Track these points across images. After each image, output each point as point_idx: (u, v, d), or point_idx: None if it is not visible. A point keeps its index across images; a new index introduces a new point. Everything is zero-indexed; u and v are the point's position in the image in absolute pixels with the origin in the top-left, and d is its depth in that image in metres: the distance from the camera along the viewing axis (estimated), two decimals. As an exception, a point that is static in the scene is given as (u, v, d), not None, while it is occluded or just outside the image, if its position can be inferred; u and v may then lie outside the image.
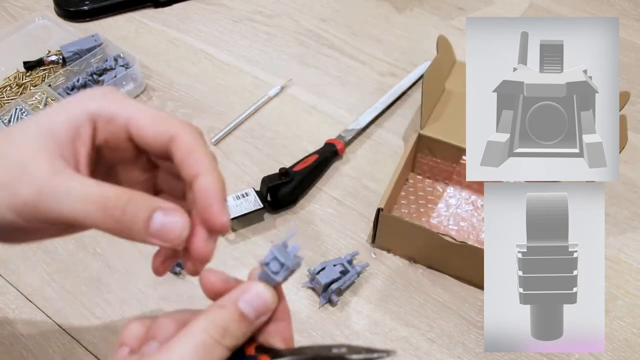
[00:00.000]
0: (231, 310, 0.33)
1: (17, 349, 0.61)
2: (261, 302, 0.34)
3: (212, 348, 0.31)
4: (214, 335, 0.32)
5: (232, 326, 0.33)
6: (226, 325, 0.32)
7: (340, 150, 0.80)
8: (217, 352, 0.31)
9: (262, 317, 0.34)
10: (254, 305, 0.34)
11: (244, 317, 0.33)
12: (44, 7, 1.03)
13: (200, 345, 0.31)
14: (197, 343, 0.31)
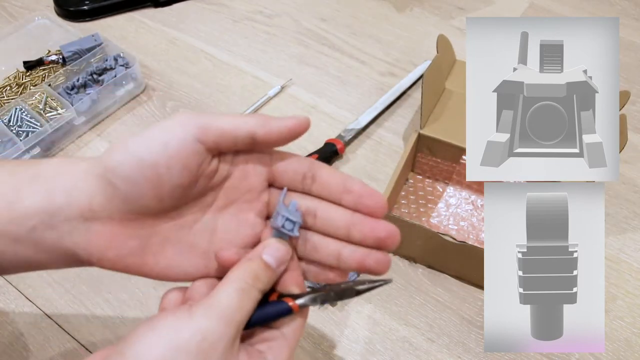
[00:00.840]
0: (258, 261, 0.40)
1: (17, 348, 0.61)
2: (280, 253, 0.41)
3: (249, 290, 0.38)
4: (249, 280, 0.38)
5: (260, 273, 0.39)
6: (256, 273, 0.39)
7: (340, 150, 0.80)
8: (253, 294, 0.38)
9: (282, 266, 0.41)
10: (275, 256, 0.41)
11: (268, 266, 0.40)
12: (44, 7, 1.03)
13: (240, 289, 0.38)
14: (237, 287, 0.38)
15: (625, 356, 0.63)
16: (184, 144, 0.38)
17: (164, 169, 0.37)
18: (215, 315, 0.36)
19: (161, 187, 0.38)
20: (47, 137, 0.77)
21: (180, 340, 0.34)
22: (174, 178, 0.38)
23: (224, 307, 0.36)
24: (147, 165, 0.37)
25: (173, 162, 0.37)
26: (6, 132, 0.77)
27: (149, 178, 0.37)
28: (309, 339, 0.63)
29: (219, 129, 0.39)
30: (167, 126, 0.38)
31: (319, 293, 0.40)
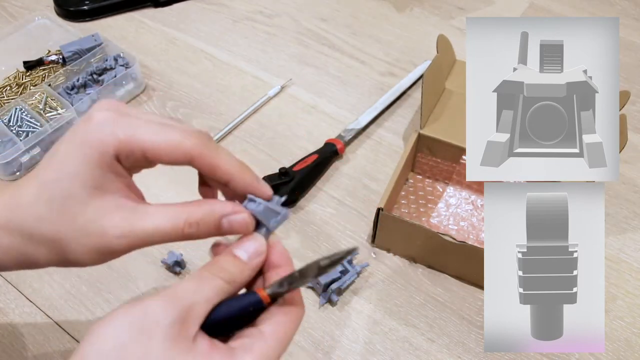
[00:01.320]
0: (227, 253, 0.40)
1: (17, 348, 0.61)
2: (251, 246, 0.41)
3: (210, 278, 0.38)
4: (211, 270, 0.38)
5: (226, 265, 0.39)
6: (221, 263, 0.39)
7: (340, 150, 0.80)
8: (214, 282, 0.38)
9: (257, 259, 0.40)
10: (245, 248, 0.40)
11: (237, 257, 0.40)
12: (44, 7, 1.03)
13: (198, 276, 0.38)
14: (195, 275, 0.38)
15: (625, 356, 0.63)
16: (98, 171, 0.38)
17: None
18: (161, 295, 0.36)
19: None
20: (47, 137, 0.77)
21: (126, 318, 0.35)
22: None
23: (173, 290, 0.36)
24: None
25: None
26: (6, 132, 0.77)
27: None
28: (309, 339, 0.63)
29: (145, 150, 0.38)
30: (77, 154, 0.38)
31: (284, 276, 0.39)
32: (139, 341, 0.34)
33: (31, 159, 0.77)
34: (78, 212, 0.38)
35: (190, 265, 0.68)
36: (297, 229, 0.73)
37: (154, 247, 0.69)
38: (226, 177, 0.40)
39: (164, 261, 0.67)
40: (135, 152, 0.38)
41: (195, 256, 0.69)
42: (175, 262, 0.67)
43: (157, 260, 0.68)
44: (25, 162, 0.77)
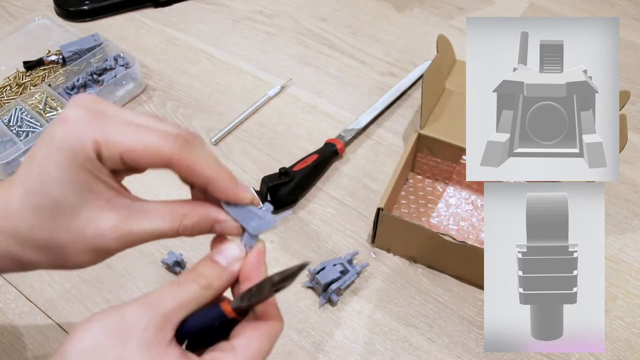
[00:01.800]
0: (205, 258, 0.41)
1: (17, 348, 0.61)
2: (230, 252, 0.41)
3: (187, 284, 0.38)
4: (189, 276, 0.39)
5: (204, 269, 0.39)
6: (200, 269, 0.39)
7: (340, 150, 0.80)
8: (191, 288, 0.38)
9: (236, 264, 0.41)
10: (224, 254, 0.41)
11: (215, 262, 0.40)
12: (44, 7, 1.03)
13: (175, 282, 0.38)
14: (174, 282, 0.38)
15: (625, 356, 0.63)
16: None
17: None
18: (139, 301, 0.36)
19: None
20: (47, 137, 0.77)
21: (104, 320, 0.35)
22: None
23: (151, 295, 0.37)
24: None
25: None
26: (6, 132, 0.77)
27: None
28: (309, 338, 0.63)
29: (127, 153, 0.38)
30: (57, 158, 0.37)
31: (244, 291, 0.39)
32: (115, 344, 0.34)
33: None
34: (70, 217, 0.37)
35: (191, 265, 0.68)
36: (297, 229, 0.73)
37: (154, 247, 0.69)
38: (204, 181, 0.39)
39: (164, 261, 0.67)
40: (113, 155, 0.37)
41: (195, 256, 0.69)
42: (175, 262, 0.67)
43: (157, 260, 0.68)
44: (25, 162, 0.77)
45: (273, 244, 0.71)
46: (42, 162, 0.37)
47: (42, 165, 0.37)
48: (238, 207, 0.41)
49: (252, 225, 0.41)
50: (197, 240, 0.70)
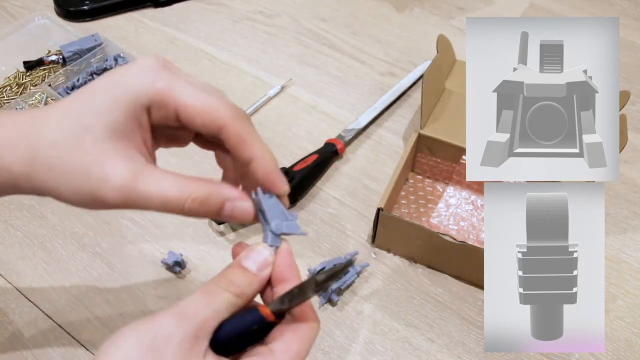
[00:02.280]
0: (234, 265, 0.39)
1: (18, 348, 0.61)
2: (260, 257, 0.40)
3: (218, 292, 0.37)
4: (219, 284, 0.38)
5: (235, 277, 0.38)
6: (230, 276, 0.38)
7: (340, 150, 0.80)
8: (222, 296, 0.37)
9: (265, 270, 0.40)
10: (253, 260, 0.39)
11: (245, 269, 0.39)
12: (44, 7, 1.03)
13: (206, 290, 0.37)
14: (203, 290, 0.37)
15: (626, 356, 0.63)
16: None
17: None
18: (171, 312, 0.35)
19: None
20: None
21: (136, 335, 0.34)
22: None
23: (182, 305, 0.36)
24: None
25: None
26: (6, 132, 0.77)
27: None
28: (309, 339, 0.63)
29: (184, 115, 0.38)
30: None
31: (284, 293, 0.38)
32: (151, 359, 0.34)
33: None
34: (89, 148, 0.36)
35: (190, 265, 0.68)
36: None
37: (153, 247, 0.69)
38: (250, 155, 0.39)
39: (164, 261, 0.67)
40: (169, 106, 0.38)
41: (195, 256, 0.69)
42: (175, 262, 0.67)
43: (157, 260, 0.68)
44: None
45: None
46: (92, 92, 0.38)
47: (91, 94, 0.38)
48: (269, 200, 0.41)
49: (276, 222, 0.40)
50: (197, 241, 0.70)
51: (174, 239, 0.71)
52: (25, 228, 0.71)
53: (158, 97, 0.38)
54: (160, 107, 0.38)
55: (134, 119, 0.38)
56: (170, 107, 0.38)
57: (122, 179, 0.36)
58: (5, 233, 0.70)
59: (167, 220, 0.72)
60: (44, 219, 0.72)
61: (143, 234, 0.71)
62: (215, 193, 0.39)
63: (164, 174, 0.38)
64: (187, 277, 0.67)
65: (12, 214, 0.72)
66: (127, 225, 0.72)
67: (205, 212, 0.39)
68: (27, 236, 0.70)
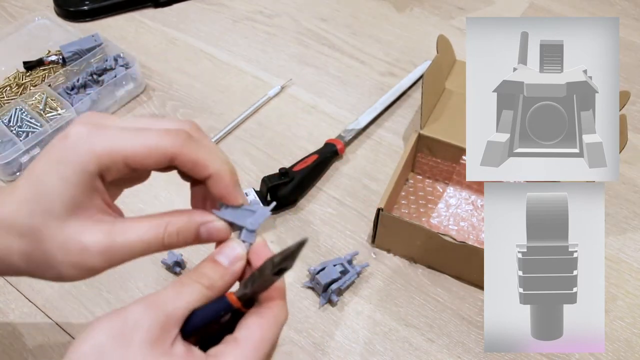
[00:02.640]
0: (207, 259, 0.41)
1: (17, 348, 0.61)
2: (232, 251, 0.41)
3: (189, 284, 0.38)
4: (191, 276, 0.39)
5: (206, 270, 0.39)
6: (202, 269, 0.40)
7: (340, 150, 0.80)
8: (193, 287, 0.38)
9: (237, 263, 0.41)
10: (226, 254, 0.41)
11: (217, 263, 0.40)
12: (44, 7, 1.03)
13: (178, 282, 0.38)
14: (176, 282, 0.38)
15: (626, 356, 0.63)
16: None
17: None
18: (141, 302, 0.36)
19: None
20: (47, 137, 0.77)
21: (107, 323, 0.35)
22: None
23: (153, 296, 0.37)
24: None
25: None
26: (6, 132, 0.77)
27: None
28: (309, 338, 0.63)
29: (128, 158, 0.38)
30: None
31: (246, 277, 0.40)
32: (118, 345, 0.34)
33: (31, 160, 0.77)
34: (57, 229, 0.37)
35: (190, 265, 0.68)
36: (297, 229, 0.73)
37: (154, 247, 0.69)
38: (206, 174, 0.40)
39: (164, 261, 0.67)
40: (117, 162, 0.38)
41: (195, 256, 0.69)
42: (175, 262, 0.67)
43: (157, 260, 0.68)
44: (25, 163, 0.77)
45: (273, 244, 0.71)
46: (39, 174, 0.38)
47: (38, 178, 0.38)
48: (230, 209, 0.42)
49: (249, 222, 0.41)
50: (197, 241, 0.70)
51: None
52: (25, 228, 0.71)
53: (103, 160, 0.38)
54: (110, 167, 0.38)
55: (89, 189, 0.38)
56: (119, 163, 0.38)
57: (100, 241, 0.38)
58: (5, 233, 0.70)
59: (167, 221, 0.72)
60: (44, 219, 0.72)
61: (143, 234, 0.71)
62: (187, 221, 0.40)
63: (136, 221, 0.39)
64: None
65: (12, 214, 0.72)
66: (127, 225, 0.72)
67: (185, 240, 0.40)
68: (27, 236, 0.70)
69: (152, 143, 0.38)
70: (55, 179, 0.37)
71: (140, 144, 0.38)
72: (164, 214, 0.40)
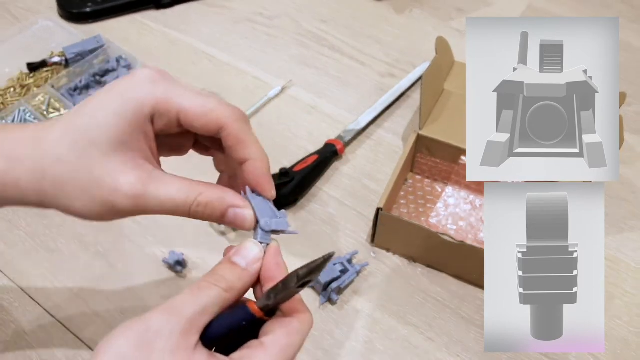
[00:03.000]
0: (224, 261, 0.40)
1: (21, 347, 0.61)
2: (249, 253, 0.41)
3: (207, 287, 0.38)
4: (209, 279, 0.39)
5: (224, 272, 0.39)
6: (219, 272, 0.39)
7: (340, 150, 0.80)
8: (212, 291, 0.38)
9: (255, 265, 0.40)
10: (243, 255, 0.40)
11: (234, 264, 0.40)
12: (47, 9, 1.03)
13: (195, 286, 0.38)
14: (194, 286, 0.38)
15: (623, 355, 0.63)
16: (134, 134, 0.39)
17: None
18: (162, 308, 0.37)
19: None
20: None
21: (128, 332, 0.36)
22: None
23: (173, 302, 0.37)
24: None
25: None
26: (9, 132, 0.77)
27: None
28: (308, 338, 0.63)
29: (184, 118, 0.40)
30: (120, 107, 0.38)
31: (269, 289, 0.39)
32: (140, 354, 0.35)
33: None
34: (97, 162, 0.38)
35: (192, 265, 0.69)
36: (297, 229, 0.73)
37: (155, 247, 0.70)
38: (246, 156, 0.41)
39: (165, 260, 0.68)
40: (171, 112, 0.39)
41: (196, 256, 0.69)
42: (177, 261, 0.67)
43: (158, 259, 0.69)
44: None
45: (274, 243, 0.71)
46: (94, 106, 0.39)
47: (93, 108, 0.39)
48: (257, 198, 0.42)
49: (265, 220, 0.42)
50: (198, 240, 0.71)
51: (176, 238, 0.71)
52: (29, 228, 0.71)
53: (159, 106, 0.39)
54: (162, 115, 0.39)
55: (139, 130, 0.39)
56: (172, 113, 0.40)
57: (133, 186, 0.38)
58: (9, 233, 0.71)
59: (169, 220, 0.73)
60: (47, 219, 0.72)
61: (145, 234, 0.71)
62: (220, 199, 0.40)
63: (172, 179, 0.40)
64: (188, 276, 0.68)
65: (15, 213, 0.73)
66: (128, 224, 0.72)
67: (210, 215, 0.40)
68: (30, 236, 0.71)
69: (209, 107, 0.40)
70: (109, 111, 0.38)
71: (198, 103, 0.40)
72: (200, 183, 0.41)
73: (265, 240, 0.42)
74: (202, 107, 0.40)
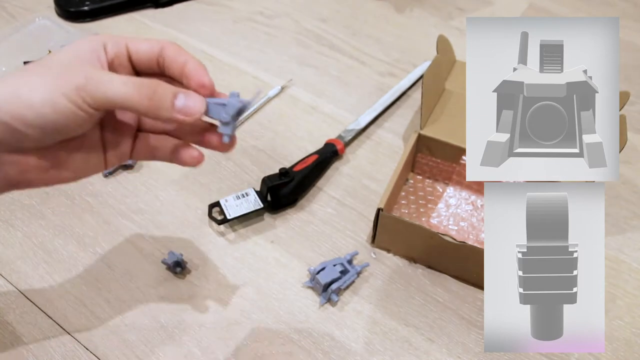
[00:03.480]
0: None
1: (18, 348, 0.61)
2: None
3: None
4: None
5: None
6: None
7: (340, 150, 0.80)
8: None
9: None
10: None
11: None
12: (45, 8, 1.03)
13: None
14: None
15: (625, 356, 0.63)
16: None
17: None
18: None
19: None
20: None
21: None
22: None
23: None
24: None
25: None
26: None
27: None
28: (308, 338, 0.63)
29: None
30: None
31: None
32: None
33: None
34: (56, 70, 0.42)
35: (191, 265, 0.68)
36: (297, 229, 0.73)
37: (154, 248, 0.69)
38: (185, 60, 0.46)
39: (164, 261, 0.67)
40: (120, 43, 0.46)
41: (195, 256, 0.69)
42: (176, 262, 0.67)
43: (157, 260, 0.68)
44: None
45: (273, 244, 0.71)
46: (57, 55, 0.44)
47: (57, 56, 0.44)
48: (211, 103, 0.45)
49: (223, 114, 0.45)
50: (197, 241, 0.70)
51: (174, 239, 0.71)
52: (26, 228, 0.71)
53: (111, 39, 0.46)
54: (113, 44, 0.45)
55: (94, 56, 0.45)
56: (122, 44, 0.46)
57: (79, 80, 0.41)
58: (6, 233, 0.70)
59: (168, 221, 0.72)
60: (45, 219, 0.72)
61: (143, 234, 0.71)
62: (164, 85, 0.43)
63: (118, 74, 0.43)
64: (187, 277, 0.67)
65: (12, 214, 0.72)
66: (127, 225, 0.72)
67: (158, 105, 0.43)
68: (28, 236, 0.70)
69: (150, 39, 0.47)
70: (68, 56, 0.44)
71: (140, 39, 0.47)
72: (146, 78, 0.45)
73: (226, 131, 0.46)
74: (144, 40, 0.46)
